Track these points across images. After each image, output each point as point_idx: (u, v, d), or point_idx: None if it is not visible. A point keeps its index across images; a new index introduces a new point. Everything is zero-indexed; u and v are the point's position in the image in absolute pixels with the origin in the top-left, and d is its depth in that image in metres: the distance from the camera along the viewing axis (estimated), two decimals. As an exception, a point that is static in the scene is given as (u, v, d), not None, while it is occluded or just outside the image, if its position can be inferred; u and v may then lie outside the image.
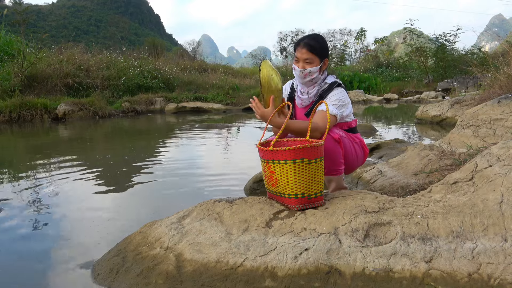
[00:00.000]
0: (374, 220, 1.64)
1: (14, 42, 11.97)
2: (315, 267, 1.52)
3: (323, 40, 2.25)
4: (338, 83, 2.28)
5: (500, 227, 1.53)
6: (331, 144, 2.12)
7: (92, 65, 12.38)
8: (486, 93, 5.81)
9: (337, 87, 2.26)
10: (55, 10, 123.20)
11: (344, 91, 2.26)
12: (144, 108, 11.69)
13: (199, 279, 1.57)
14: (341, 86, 2.28)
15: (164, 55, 21.41)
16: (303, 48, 2.17)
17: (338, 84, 2.28)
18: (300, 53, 2.19)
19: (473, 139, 3.65)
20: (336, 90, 2.24)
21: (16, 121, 8.86)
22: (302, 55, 2.18)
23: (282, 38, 36.17)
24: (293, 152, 1.74)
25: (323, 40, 2.26)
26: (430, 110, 8.13)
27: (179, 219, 1.96)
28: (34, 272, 1.90)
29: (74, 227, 2.49)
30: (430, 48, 21.32)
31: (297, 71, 2.23)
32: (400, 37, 33.03)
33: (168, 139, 6.67)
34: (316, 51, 2.18)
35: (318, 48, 2.18)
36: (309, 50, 2.17)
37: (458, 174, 1.97)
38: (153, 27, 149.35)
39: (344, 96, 2.24)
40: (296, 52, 2.22)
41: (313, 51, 2.17)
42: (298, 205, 1.80)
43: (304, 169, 1.76)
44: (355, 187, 3.11)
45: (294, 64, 2.26)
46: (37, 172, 4.03)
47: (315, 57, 2.18)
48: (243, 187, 3.30)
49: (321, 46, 2.20)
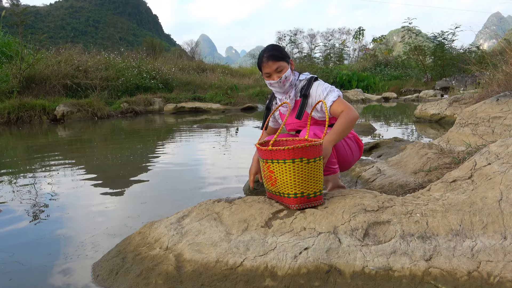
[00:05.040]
0: (374, 219, 1.65)
1: (12, 44, 11.96)
2: (315, 266, 1.52)
3: (278, 46, 2.32)
4: (315, 78, 2.34)
5: (500, 225, 1.53)
6: None
7: (90, 66, 12.39)
8: (485, 91, 5.81)
9: (314, 81, 2.32)
10: (53, 11, 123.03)
11: (323, 82, 2.31)
12: (142, 109, 11.69)
13: (199, 279, 1.57)
14: (318, 80, 2.33)
15: (163, 56, 21.43)
16: (268, 61, 2.22)
17: (315, 78, 2.34)
18: (268, 66, 2.23)
19: (472, 137, 3.66)
20: (315, 83, 2.29)
21: (14, 122, 8.85)
22: (271, 67, 2.23)
23: (281, 37, 36.15)
24: (291, 151, 1.74)
25: (278, 46, 2.33)
26: (429, 108, 8.14)
27: (178, 219, 1.96)
28: (33, 273, 1.90)
29: (73, 228, 2.49)
30: (428, 47, 21.35)
31: (274, 83, 2.26)
32: (398, 36, 33.06)
33: (167, 140, 6.67)
34: (280, 57, 2.23)
35: (280, 54, 2.24)
36: (275, 60, 2.22)
37: (457, 172, 1.97)
38: (151, 27, 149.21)
39: (326, 84, 2.28)
40: (264, 69, 2.26)
41: (278, 59, 2.22)
42: (297, 204, 1.80)
43: (303, 168, 1.76)
44: (354, 186, 3.11)
45: (267, 80, 2.29)
46: (36, 173, 4.03)
47: (282, 63, 2.23)
48: (242, 187, 3.30)
49: (281, 52, 2.27)
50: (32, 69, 10.61)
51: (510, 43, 6.62)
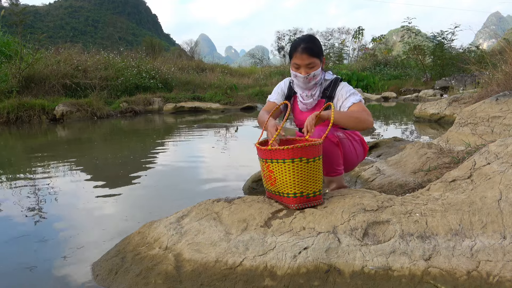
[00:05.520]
0: (373, 218, 1.64)
1: (12, 43, 11.94)
2: (314, 266, 1.52)
3: (318, 41, 2.22)
4: (340, 79, 2.29)
5: (499, 224, 1.53)
6: (330, 147, 2.13)
7: (89, 66, 12.37)
8: (484, 91, 5.81)
9: (339, 82, 2.27)
10: (52, 11, 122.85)
11: (347, 84, 2.27)
12: (142, 108, 11.68)
13: (198, 279, 1.57)
14: (342, 81, 2.29)
15: (162, 55, 21.42)
16: (303, 53, 2.11)
17: (340, 79, 2.29)
18: (301, 59, 2.12)
19: (471, 137, 3.66)
20: (341, 85, 2.24)
21: (14, 122, 8.84)
22: (304, 60, 2.12)
23: (280, 37, 36.17)
24: (291, 151, 1.74)
25: (318, 40, 2.23)
26: (428, 108, 8.14)
27: (178, 219, 1.95)
28: (32, 273, 1.90)
29: (72, 228, 2.49)
30: (428, 46, 21.34)
31: (300, 78, 2.17)
32: (398, 36, 33.06)
33: (166, 139, 6.66)
34: (316, 53, 2.13)
35: (316, 49, 2.14)
36: (310, 55, 2.11)
37: (456, 172, 1.97)
38: (151, 27, 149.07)
39: (350, 86, 2.24)
40: (295, 59, 2.15)
41: (313, 54, 2.12)
42: (297, 204, 1.80)
43: (302, 168, 1.76)
44: (354, 186, 3.11)
45: (294, 71, 2.19)
46: (35, 173, 4.02)
47: (316, 60, 2.14)
48: (241, 186, 3.30)
49: (318, 47, 2.17)
50: (31, 69, 10.59)
51: (509, 42, 6.62)
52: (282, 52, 36.34)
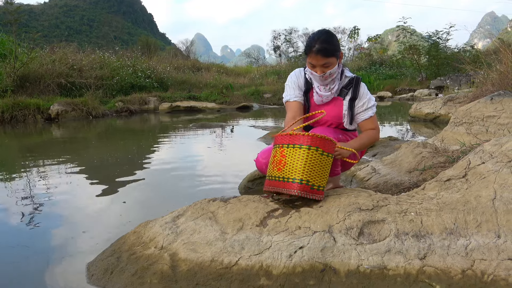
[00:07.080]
0: (368, 217, 1.65)
1: (6, 42, 11.85)
2: (310, 265, 1.52)
3: (334, 38, 2.14)
4: (360, 78, 2.28)
5: (493, 223, 1.54)
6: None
7: (85, 65, 12.31)
8: (479, 90, 5.85)
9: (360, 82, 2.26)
10: (47, 10, 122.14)
11: (366, 87, 2.27)
12: (137, 108, 11.65)
13: (194, 278, 1.57)
14: (362, 82, 2.27)
15: (158, 54, 21.37)
16: (317, 55, 2.06)
17: (361, 79, 2.28)
18: (316, 59, 2.08)
19: (466, 136, 3.68)
20: (362, 88, 2.23)
21: (8, 121, 8.78)
22: (318, 61, 2.08)
23: (276, 36, 36.15)
24: (310, 138, 1.78)
25: (334, 36, 2.15)
26: (424, 107, 8.17)
27: (173, 218, 1.95)
28: (28, 273, 1.89)
29: (67, 227, 2.48)
30: (423, 46, 21.40)
31: (316, 76, 2.14)
32: (393, 35, 33.14)
33: (162, 139, 6.65)
34: (331, 53, 2.07)
35: (331, 48, 2.07)
36: (325, 56, 2.06)
37: (451, 171, 1.98)
38: (146, 26, 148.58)
39: (369, 93, 2.26)
40: (310, 58, 2.11)
41: (328, 55, 2.07)
42: (299, 190, 1.78)
43: (316, 157, 1.80)
44: (349, 185, 3.12)
45: (310, 69, 2.16)
46: (30, 173, 4.00)
47: (331, 59, 2.08)
48: (237, 186, 3.29)
49: (333, 45, 2.10)
50: (26, 68, 10.53)
51: (504, 42, 6.65)
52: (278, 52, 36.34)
